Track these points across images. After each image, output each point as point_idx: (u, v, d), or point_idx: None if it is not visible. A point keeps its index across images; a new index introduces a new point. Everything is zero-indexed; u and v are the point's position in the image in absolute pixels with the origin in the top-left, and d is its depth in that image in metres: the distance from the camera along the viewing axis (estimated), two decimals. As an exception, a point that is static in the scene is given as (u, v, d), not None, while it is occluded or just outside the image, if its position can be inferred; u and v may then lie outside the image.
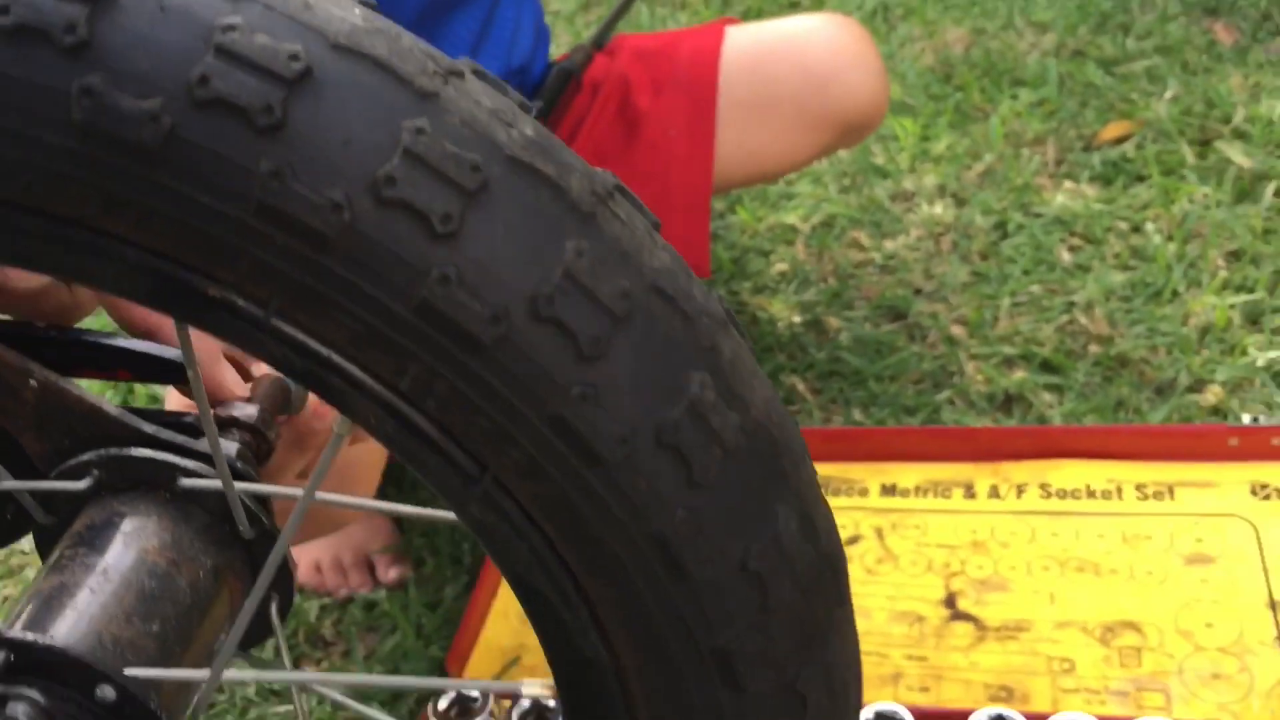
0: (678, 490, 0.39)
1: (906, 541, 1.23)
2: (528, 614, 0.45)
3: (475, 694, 1.08)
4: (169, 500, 0.53)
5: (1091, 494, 1.22)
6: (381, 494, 1.42)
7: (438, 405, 0.38)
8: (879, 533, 1.24)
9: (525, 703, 1.05)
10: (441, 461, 0.39)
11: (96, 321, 0.95)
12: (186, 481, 0.53)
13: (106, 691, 0.44)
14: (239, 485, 0.52)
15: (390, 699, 1.19)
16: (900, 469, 1.29)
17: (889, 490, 1.28)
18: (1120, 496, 1.21)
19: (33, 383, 0.55)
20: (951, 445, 1.28)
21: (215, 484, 0.52)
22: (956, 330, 1.48)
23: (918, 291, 1.56)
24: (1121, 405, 1.34)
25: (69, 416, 0.55)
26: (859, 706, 0.48)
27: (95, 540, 0.51)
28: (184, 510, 0.53)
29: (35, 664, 0.44)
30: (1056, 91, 1.86)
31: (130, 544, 0.51)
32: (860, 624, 1.17)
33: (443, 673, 1.18)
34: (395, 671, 1.22)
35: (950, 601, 1.16)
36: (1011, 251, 1.59)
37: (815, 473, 0.43)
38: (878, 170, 1.78)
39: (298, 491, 0.53)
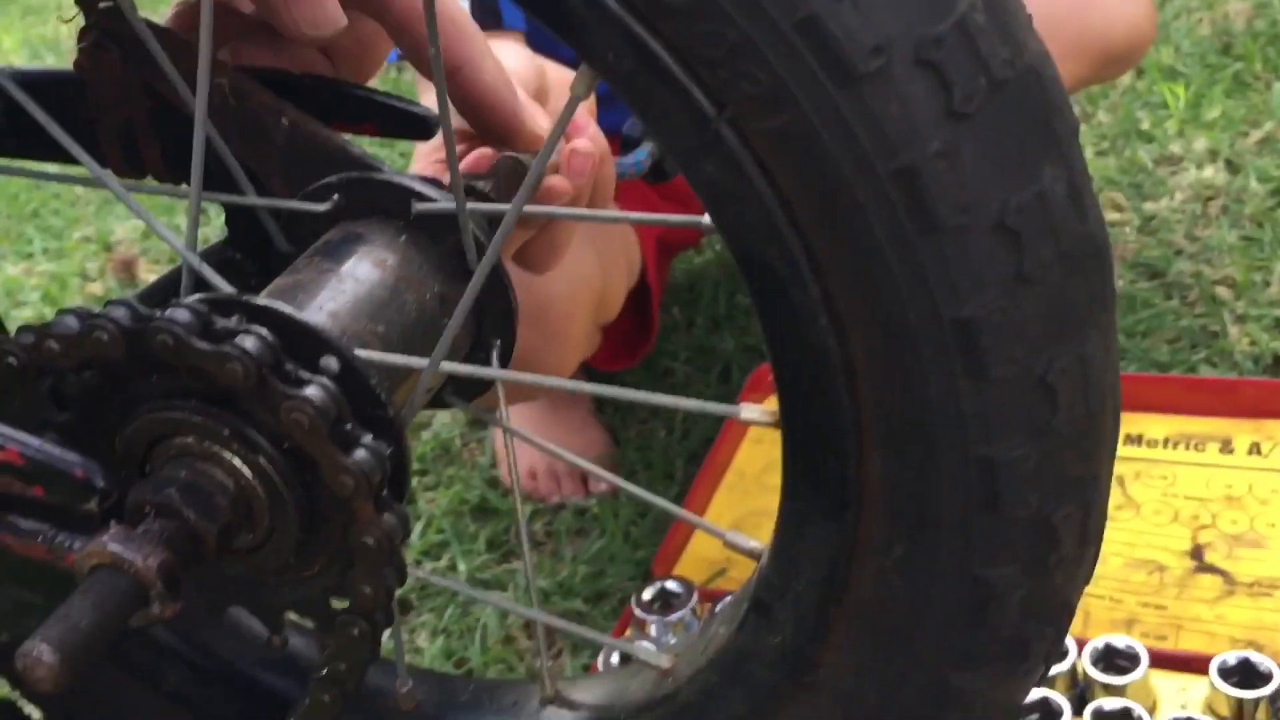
0: (935, 119, 0.35)
1: (1151, 490, 1.13)
2: (756, 305, 0.42)
3: (678, 589, 1.06)
4: (404, 227, 0.53)
5: (1370, 457, 1.10)
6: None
7: (676, 29, 0.36)
8: (1120, 480, 1.15)
9: (725, 601, 1.02)
10: (677, 101, 0.37)
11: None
12: (421, 205, 0.52)
13: (330, 362, 0.44)
14: (471, 207, 0.51)
15: (595, 597, 1.18)
16: (1149, 419, 1.20)
17: (1134, 440, 1.19)
18: (1404, 462, 1.09)
19: (284, 122, 0.55)
20: (1209, 399, 1.18)
21: (449, 206, 0.51)
22: (1222, 291, 1.37)
23: (1179, 252, 1.45)
24: None
25: (316, 158, 0.55)
26: (1115, 435, 0.43)
27: (332, 253, 0.51)
28: (417, 238, 0.53)
29: (266, 324, 0.44)
30: (1352, 62, 1.71)
31: (364, 257, 0.51)
32: (1093, 568, 1.09)
33: (648, 576, 1.16)
34: (600, 574, 1.21)
35: (1197, 553, 1.06)
36: (1289, 217, 1.46)
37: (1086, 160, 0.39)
38: (1142, 134, 1.68)
39: (535, 210, 0.51)
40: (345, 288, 0.49)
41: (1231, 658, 0.89)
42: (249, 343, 0.41)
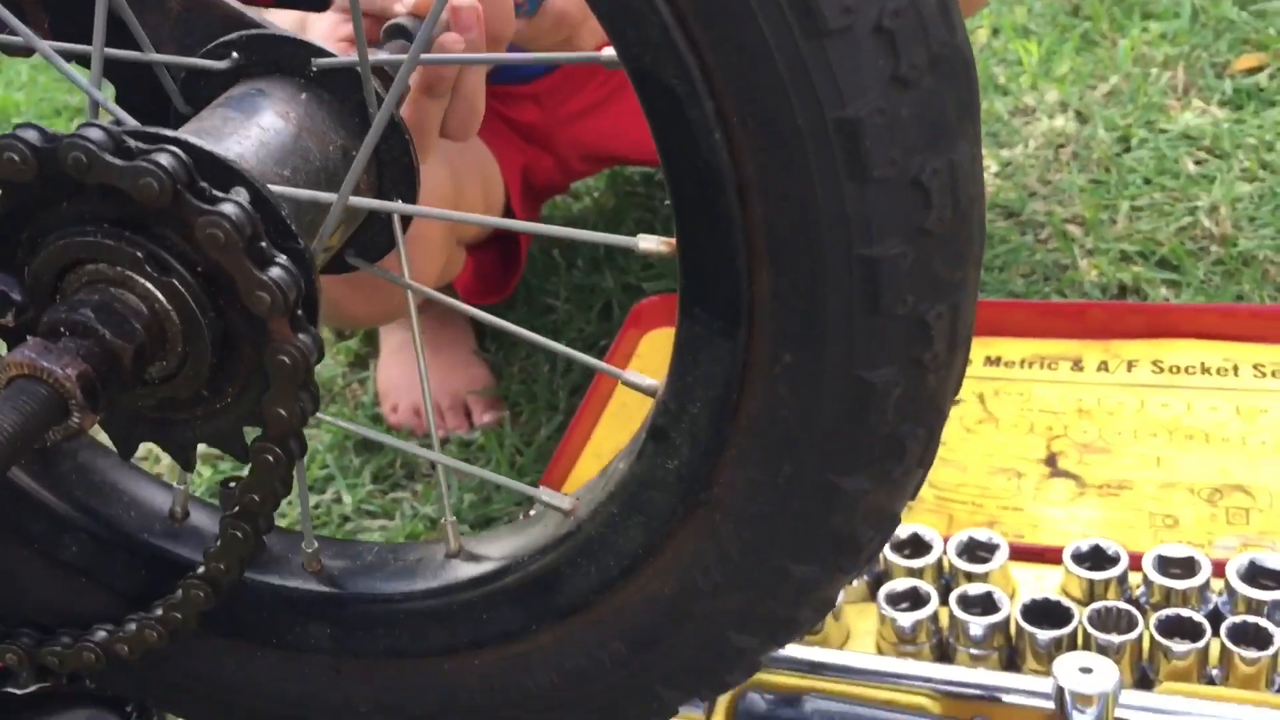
0: None
1: (1008, 406, 1.20)
2: (654, 131, 0.45)
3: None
4: (305, 84, 0.54)
5: (1206, 370, 1.19)
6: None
7: None
8: (980, 397, 1.22)
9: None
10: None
11: None
12: (321, 61, 0.54)
13: (241, 194, 0.45)
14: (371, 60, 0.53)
15: (482, 522, 1.20)
16: (1006, 343, 1.27)
17: (993, 361, 1.26)
18: (1237, 374, 1.18)
19: (176, -8, 0.56)
20: (1060, 321, 1.25)
21: (350, 60, 0.53)
22: (1072, 229, 1.45)
23: (1033, 194, 1.53)
24: (1242, 300, 1.30)
25: (210, 23, 0.56)
26: (981, 242, 0.47)
27: (236, 105, 0.53)
28: (319, 94, 0.54)
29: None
30: (1189, 24, 1.82)
31: (267, 109, 0.52)
32: (955, 476, 1.15)
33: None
34: (487, 501, 1.23)
35: (1051, 460, 1.13)
36: (1134, 163, 1.55)
37: None
38: (998, 88, 1.76)
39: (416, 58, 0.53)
40: (251, 134, 0.50)
41: (1084, 544, 0.96)
42: (164, 159, 0.43)
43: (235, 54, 0.54)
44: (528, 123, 1.37)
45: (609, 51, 0.46)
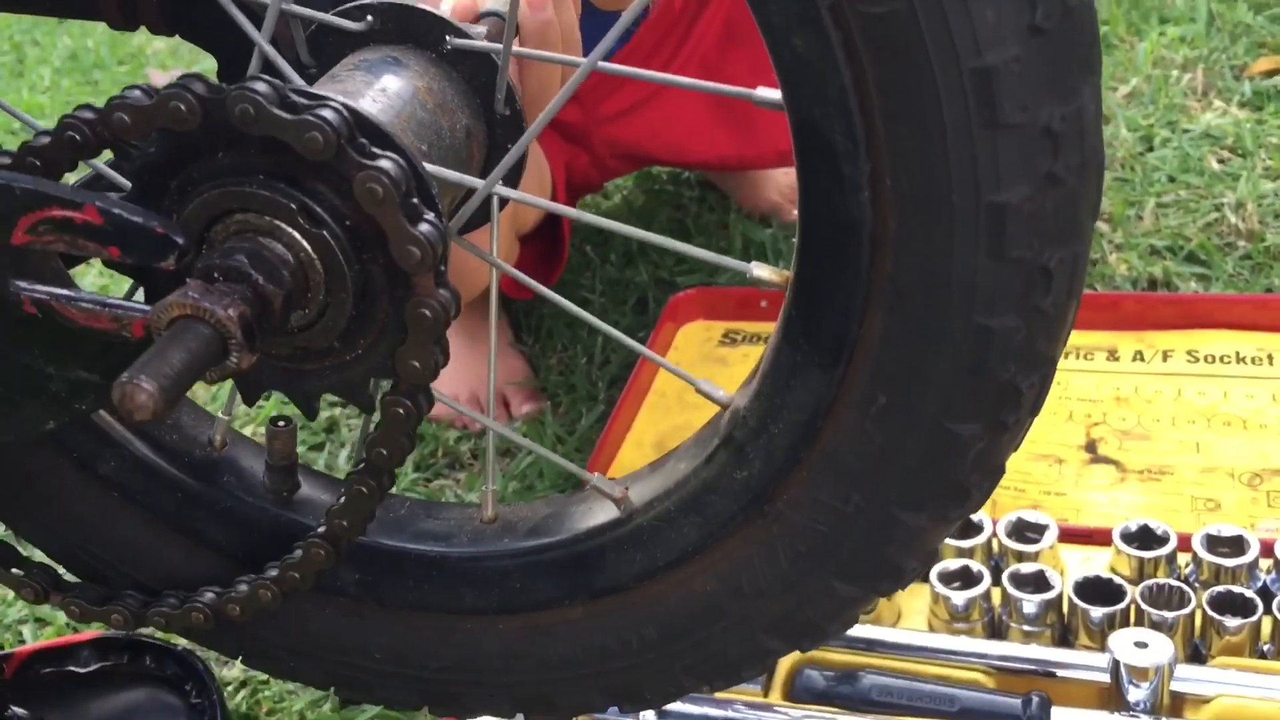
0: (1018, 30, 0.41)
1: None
2: (801, 173, 0.46)
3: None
4: (435, 59, 0.55)
5: (1241, 360, 1.21)
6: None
7: None
8: (1019, 387, 1.23)
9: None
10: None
11: None
12: (457, 41, 0.55)
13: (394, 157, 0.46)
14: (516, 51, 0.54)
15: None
16: (1041, 334, 1.29)
17: (1029, 352, 1.27)
18: (1271, 363, 1.20)
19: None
20: (1095, 313, 1.27)
21: (485, 45, 0.55)
22: (1100, 225, 1.47)
23: (1060, 192, 1.55)
24: (1271, 293, 1.32)
25: None
26: (1075, 310, 0.50)
27: (371, 69, 0.53)
28: (447, 70, 0.55)
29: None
30: (1205, 29, 1.84)
31: (404, 78, 0.53)
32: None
33: (580, 487, 1.20)
34: (530, 489, 1.25)
35: (1091, 447, 1.15)
36: (1158, 161, 1.57)
37: None
38: (1020, 90, 1.78)
39: (576, 59, 0.55)
40: (392, 104, 0.52)
41: (1133, 524, 0.97)
42: (328, 114, 0.44)
43: (370, 17, 0.55)
44: (568, 121, 1.38)
45: (765, 92, 0.48)
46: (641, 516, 0.58)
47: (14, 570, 0.63)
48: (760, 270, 0.53)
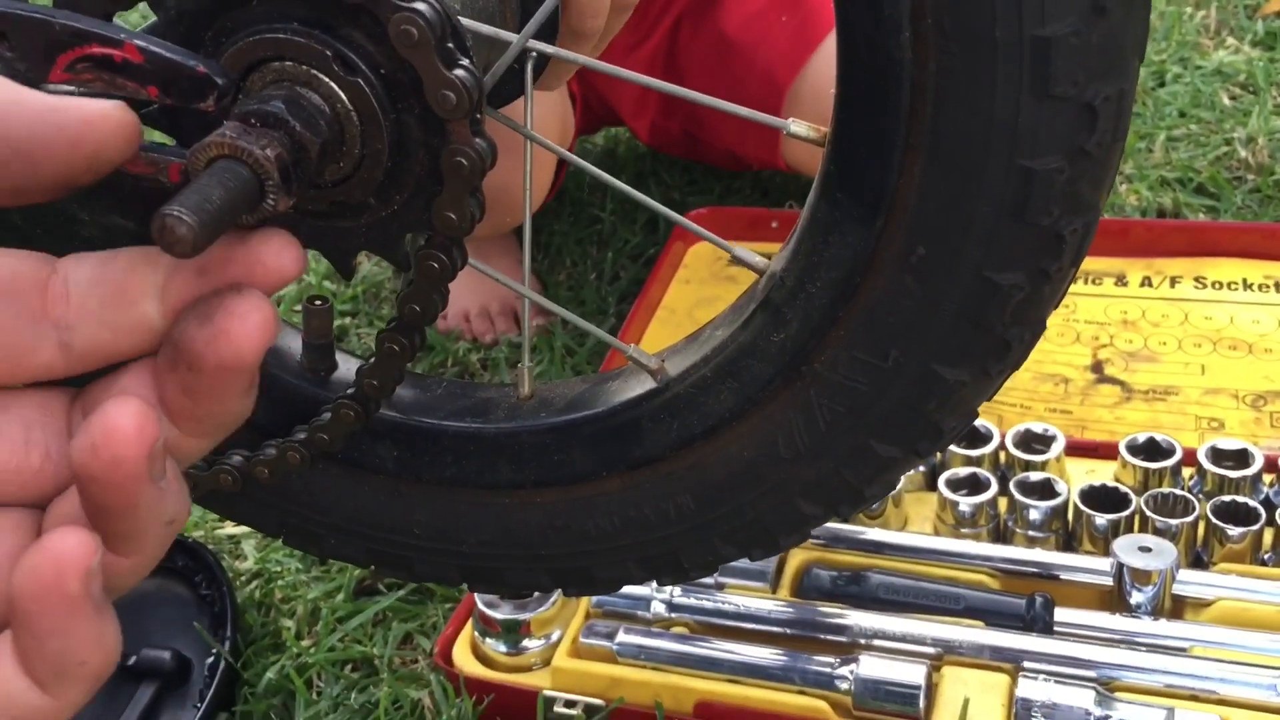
0: None
1: (1053, 317, 1.22)
2: (840, 15, 0.46)
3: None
4: None
5: (1248, 286, 1.22)
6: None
7: None
8: (1027, 309, 1.24)
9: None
10: None
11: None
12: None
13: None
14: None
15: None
16: (1050, 259, 1.29)
17: (1038, 276, 1.28)
18: (1278, 290, 1.20)
19: None
20: (1104, 239, 1.28)
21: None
22: (1110, 156, 1.48)
23: (1071, 123, 1.55)
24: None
25: None
26: (1114, 175, 0.49)
27: None
28: None
29: None
30: (1220, -32, 1.84)
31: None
32: (1005, 381, 1.18)
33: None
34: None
35: (1097, 367, 1.16)
36: (1169, 97, 1.57)
37: None
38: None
39: None
40: None
41: (1140, 437, 0.99)
42: None
43: None
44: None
45: (797, 125, 0.48)
46: (678, 385, 0.59)
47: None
48: (798, 127, 0.53)
